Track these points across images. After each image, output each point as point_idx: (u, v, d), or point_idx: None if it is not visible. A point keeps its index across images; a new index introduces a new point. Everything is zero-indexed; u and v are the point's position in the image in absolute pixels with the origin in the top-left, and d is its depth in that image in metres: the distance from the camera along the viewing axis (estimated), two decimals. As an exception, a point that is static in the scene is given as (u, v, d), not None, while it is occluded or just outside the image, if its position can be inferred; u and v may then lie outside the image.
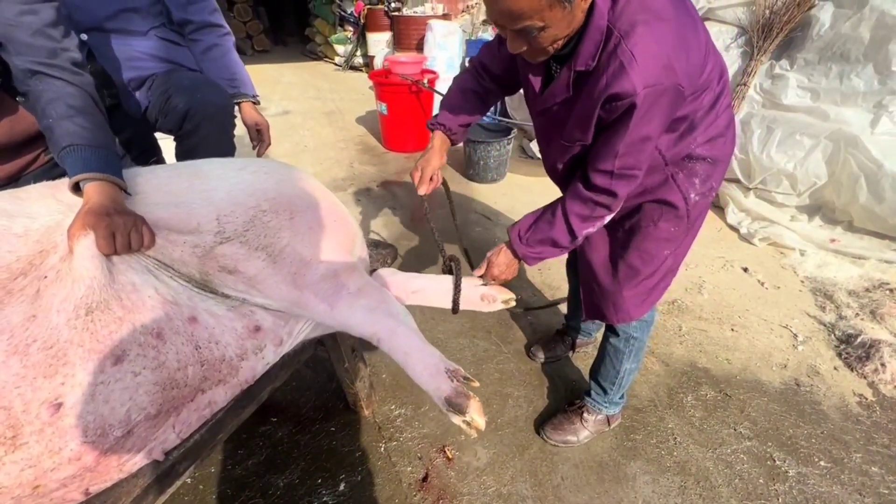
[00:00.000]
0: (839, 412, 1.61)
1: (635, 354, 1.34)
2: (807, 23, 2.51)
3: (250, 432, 1.47)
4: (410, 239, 2.61)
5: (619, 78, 0.80)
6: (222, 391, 0.92)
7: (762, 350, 1.87)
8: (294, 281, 0.99)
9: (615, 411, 1.48)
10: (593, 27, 0.82)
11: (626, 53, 0.79)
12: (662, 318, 2.03)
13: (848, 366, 1.79)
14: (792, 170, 2.44)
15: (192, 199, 0.97)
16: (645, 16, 0.80)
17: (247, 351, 0.96)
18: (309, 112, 5.05)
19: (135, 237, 0.83)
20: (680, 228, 1.10)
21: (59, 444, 0.69)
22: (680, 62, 0.81)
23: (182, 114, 1.31)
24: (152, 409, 0.78)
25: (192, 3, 1.37)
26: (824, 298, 2.14)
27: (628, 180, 0.94)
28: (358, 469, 1.38)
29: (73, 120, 0.92)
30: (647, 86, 0.79)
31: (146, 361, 0.78)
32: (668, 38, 0.80)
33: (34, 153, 1.14)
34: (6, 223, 0.81)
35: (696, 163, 1.04)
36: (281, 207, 1.01)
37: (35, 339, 0.72)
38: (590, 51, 0.84)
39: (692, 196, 1.06)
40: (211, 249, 0.92)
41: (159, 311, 0.82)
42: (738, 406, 1.62)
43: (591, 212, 1.00)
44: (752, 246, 2.56)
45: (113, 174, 0.90)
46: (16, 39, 0.91)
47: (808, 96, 2.48)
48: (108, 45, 1.28)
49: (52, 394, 0.71)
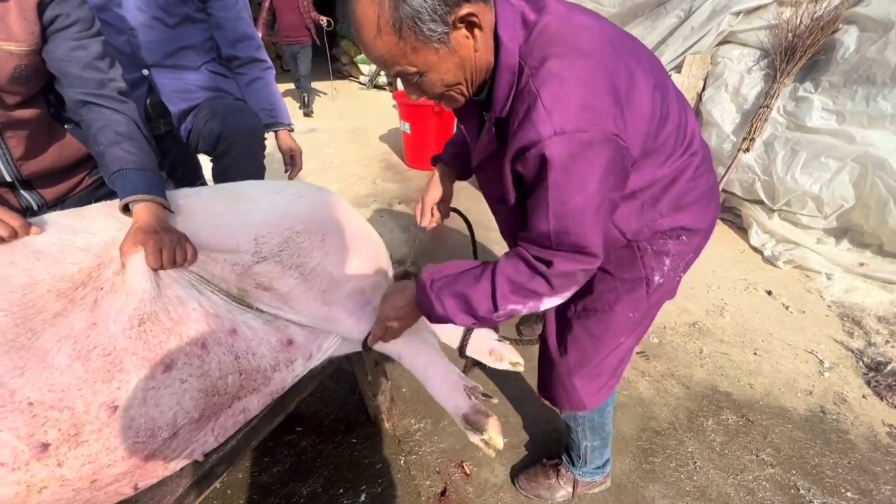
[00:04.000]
0: (867, 442, 1.56)
1: (591, 433, 1.20)
2: (830, 46, 2.51)
3: (276, 441, 1.53)
4: (432, 257, 2.67)
5: (525, 125, 0.67)
6: (255, 399, 0.98)
7: (786, 375, 1.83)
8: (324, 298, 1.05)
9: (591, 479, 1.34)
10: (502, 66, 0.70)
11: (532, 94, 0.66)
12: (683, 340, 2.02)
13: (877, 394, 1.74)
14: (818, 192, 2.41)
15: (231, 220, 1.05)
16: (559, 48, 0.68)
17: (279, 363, 1.02)
18: (334, 130, 5.24)
19: (179, 253, 0.90)
20: (639, 314, 0.94)
21: (114, 444, 0.76)
22: (605, 105, 0.66)
23: (216, 136, 1.42)
24: (196, 413, 0.85)
25: (239, 41, 1.50)
26: (852, 324, 2.09)
27: (570, 256, 0.74)
28: (378, 481, 1.42)
29: (121, 146, 1.00)
30: (558, 132, 0.64)
31: (192, 370, 0.85)
32: (587, 76, 0.66)
33: (80, 176, 1.21)
34: (70, 238, 0.90)
35: (668, 239, 0.88)
36: (314, 229, 1.08)
37: (95, 345, 0.79)
38: (503, 93, 0.71)
39: (656, 279, 0.89)
40: (249, 268, 0.99)
41: (203, 324, 0.89)
42: (760, 432, 1.60)
43: (524, 280, 0.78)
44: (777, 268, 2.52)
45: (158, 195, 0.98)
46: (69, 73, 1.00)
47: (834, 119, 2.46)
48: (165, 79, 1.41)
49: (110, 397, 0.78)
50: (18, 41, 0.93)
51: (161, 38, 1.36)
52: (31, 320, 0.76)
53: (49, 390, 0.73)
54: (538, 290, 0.78)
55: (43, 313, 0.77)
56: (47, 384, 0.73)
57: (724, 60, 2.86)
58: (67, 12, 0.97)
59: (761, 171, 2.65)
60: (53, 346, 0.75)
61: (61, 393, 0.74)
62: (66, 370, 0.76)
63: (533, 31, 0.71)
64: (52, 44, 0.98)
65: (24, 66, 0.95)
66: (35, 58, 0.97)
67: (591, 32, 0.71)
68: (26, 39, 0.94)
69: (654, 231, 0.87)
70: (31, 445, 0.70)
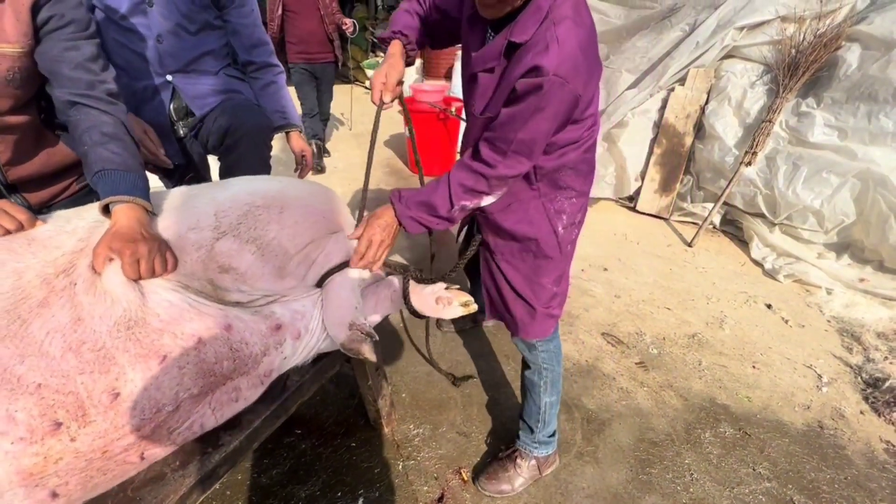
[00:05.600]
0: (864, 458, 1.57)
1: (552, 386, 1.35)
2: (833, 63, 2.53)
3: (276, 443, 1.54)
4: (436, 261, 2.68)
5: (541, 55, 0.87)
6: (245, 381, 1.00)
7: (784, 389, 1.84)
8: (279, 273, 1.07)
9: (546, 452, 1.43)
10: (535, 4, 0.89)
11: (553, 37, 0.87)
12: (682, 351, 2.03)
13: (875, 411, 1.75)
14: (819, 207, 2.43)
15: (199, 198, 1.06)
16: (576, 17, 0.89)
17: (269, 347, 1.03)
18: (339, 134, 5.28)
19: (158, 262, 0.88)
20: (556, 255, 1.17)
21: (121, 422, 0.79)
22: (582, 73, 0.89)
23: (224, 130, 1.46)
24: (195, 389, 0.87)
25: (255, 47, 1.56)
26: (851, 339, 2.10)
27: (514, 161, 0.98)
28: (376, 485, 1.43)
29: (106, 146, 0.98)
30: (556, 73, 0.86)
31: (189, 359, 0.87)
32: (585, 46, 0.89)
33: (66, 182, 1.19)
34: (62, 224, 0.92)
35: (563, 193, 1.12)
36: (274, 203, 1.08)
37: (84, 341, 0.79)
38: (528, 25, 0.90)
39: (560, 229, 1.15)
40: (211, 248, 0.98)
41: (198, 322, 0.90)
42: (757, 445, 1.60)
43: (473, 183, 1.03)
44: (777, 282, 2.54)
45: (139, 196, 0.95)
46: (59, 73, 0.98)
47: (836, 135, 2.48)
48: (187, 84, 1.46)
49: (109, 385, 0.79)
50: (11, 43, 0.91)
51: (184, 45, 1.40)
52: (19, 307, 0.77)
53: (51, 376, 0.75)
54: (482, 189, 1.03)
55: (29, 300, 0.78)
56: (48, 371, 0.75)
57: (728, 74, 2.89)
58: (62, 13, 0.96)
59: (763, 184, 2.67)
60: (44, 337, 0.77)
61: (63, 379, 0.76)
62: (62, 360, 0.77)
63: None
64: (45, 44, 0.96)
65: (17, 68, 0.94)
66: (28, 60, 0.96)
67: (590, 14, 0.95)
68: (19, 41, 0.92)
69: (558, 168, 1.09)
70: (46, 423, 0.73)
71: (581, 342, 2.07)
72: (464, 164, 1.05)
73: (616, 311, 2.29)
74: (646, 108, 3.14)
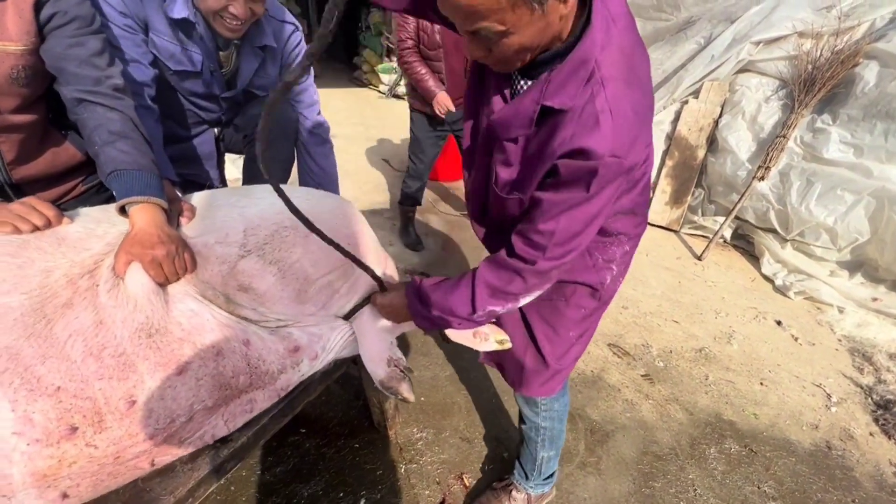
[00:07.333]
0: (873, 481, 1.55)
1: (549, 443, 1.25)
2: (850, 80, 2.52)
3: (280, 441, 1.56)
4: (443, 265, 2.70)
5: (591, 133, 0.66)
6: (262, 394, 1.02)
7: (792, 408, 1.82)
8: (298, 297, 1.06)
9: (542, 491, 1.38)
10: (579, 56, 0.66)
11: (604, 107, 0.66)
12: (689, 365, 2.02)
13: (885, 433, 1.72)
14: (832, 224, 2.40)
15: (230, 210, 1.07)
16: (628, 72, 0.68)
17: (286, 366, 1.05)
18: (353, 137, 5.32)
19: (178, 263, 0.89)
20: (588, 310, 1.01)
21: (135, 430, 0.80)
22: (641, 138, 0.71)
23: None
24: (210, 402, 0.89)
25: (315, 129, 1.69)
26: (862, 360, 2.07)
27: (559, 261, 0.79)
28: (378, 487, 1.44)
29: (114, 145, 0.97)
30: (614, 154, 0.66)
31: (207, 371, 0.88)
32: (638, 103, 0.69)
33: (72, 183, 1.18)
34: (93, 227, 0.94)
35: (615, 240, 0.95)
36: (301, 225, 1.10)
37: (104, 346, 0.80)
38: (569, 85, 0.68)
39: (608, 281, 0.98)
40: (234, 265, 0.98)
41: (218, 333, 0.91)
42: (763, 463, 1.59)
43: (504, 284, 0.83)
44: (788, 299, 2.51)
45: (153, 195, 0.95)
46: (65, 70, 0.97)
47: (851, 152, 2.46)
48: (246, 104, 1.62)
49: (126, 392, 0.81)
50: (14, 41, 0.91)
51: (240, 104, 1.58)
52: (46, 306, 0.78)
53: (71, 380, 0.76)
54: (515, 291, 0.84)
55: (55, 300, 0.79)
56: (68, 374, 0.76)
57: (743, 88, 2.88)
58: (65, 10, 0.95)
59: (776, 200, 2.65)
60: (66, 339, 0.78)
61: (81, 384, 0.77)
62: (82, 364, 0.78)
63: (611, 31, 0.67)
64: (50, 42, 0.95)
65: (21, 66, 0.93)
66: (34, 58, 0.95)
67: (644, 60, 0.72)
68: (22, 39, 0.92)
69: (606, 230, 0.92)
70: (62, 427, 0.74)
71: (587, 352, 2.06)
72: (494, 262, 0.86)
73: (623, 323, 2.28)
74: (659, 120, 3.14)
